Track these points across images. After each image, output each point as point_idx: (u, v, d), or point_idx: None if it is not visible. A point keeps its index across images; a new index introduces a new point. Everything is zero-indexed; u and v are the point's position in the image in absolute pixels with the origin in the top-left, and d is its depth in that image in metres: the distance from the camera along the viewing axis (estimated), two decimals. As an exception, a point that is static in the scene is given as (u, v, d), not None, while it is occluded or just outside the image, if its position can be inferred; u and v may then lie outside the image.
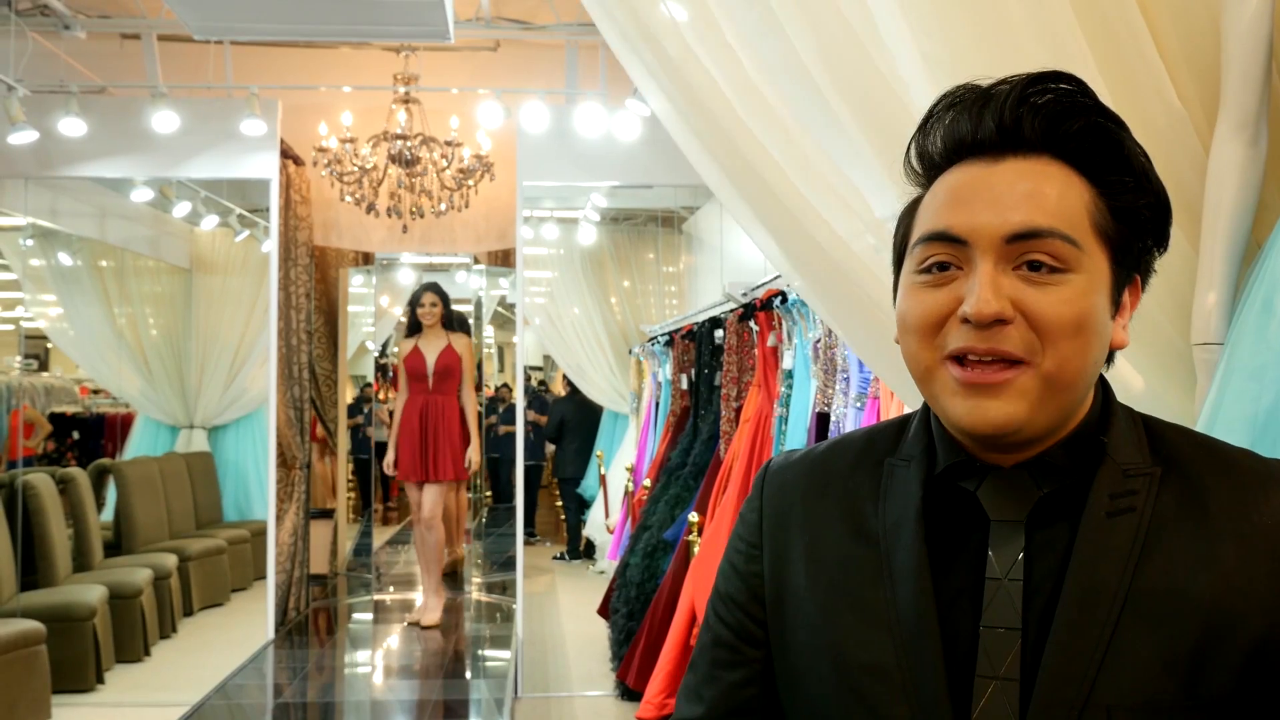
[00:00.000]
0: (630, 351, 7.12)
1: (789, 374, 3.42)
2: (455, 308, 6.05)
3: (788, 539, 0.91)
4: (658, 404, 6.13)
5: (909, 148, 0.86)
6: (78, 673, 4.57)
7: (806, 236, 1.73)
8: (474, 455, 5.80)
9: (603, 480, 6.84)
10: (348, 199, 5.61)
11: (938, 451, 0.86)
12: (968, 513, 0.83)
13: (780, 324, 3.54)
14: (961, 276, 0.80)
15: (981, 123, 0.80)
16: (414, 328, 5.83)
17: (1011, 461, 0.82)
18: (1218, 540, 0.78)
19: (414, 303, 5.85)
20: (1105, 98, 1.22)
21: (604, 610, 5.12)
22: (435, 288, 5.81)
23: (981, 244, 0.78)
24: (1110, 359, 0.86)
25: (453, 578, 7.35)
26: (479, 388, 7.95)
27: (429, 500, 5.68)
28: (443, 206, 5.65)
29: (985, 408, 0.78)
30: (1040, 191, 0.78)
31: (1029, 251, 0.78)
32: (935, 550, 0.83)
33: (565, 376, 7.66)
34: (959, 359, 0.79)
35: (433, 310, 5.75)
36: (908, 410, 1.10)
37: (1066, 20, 1.22)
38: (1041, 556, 0.80)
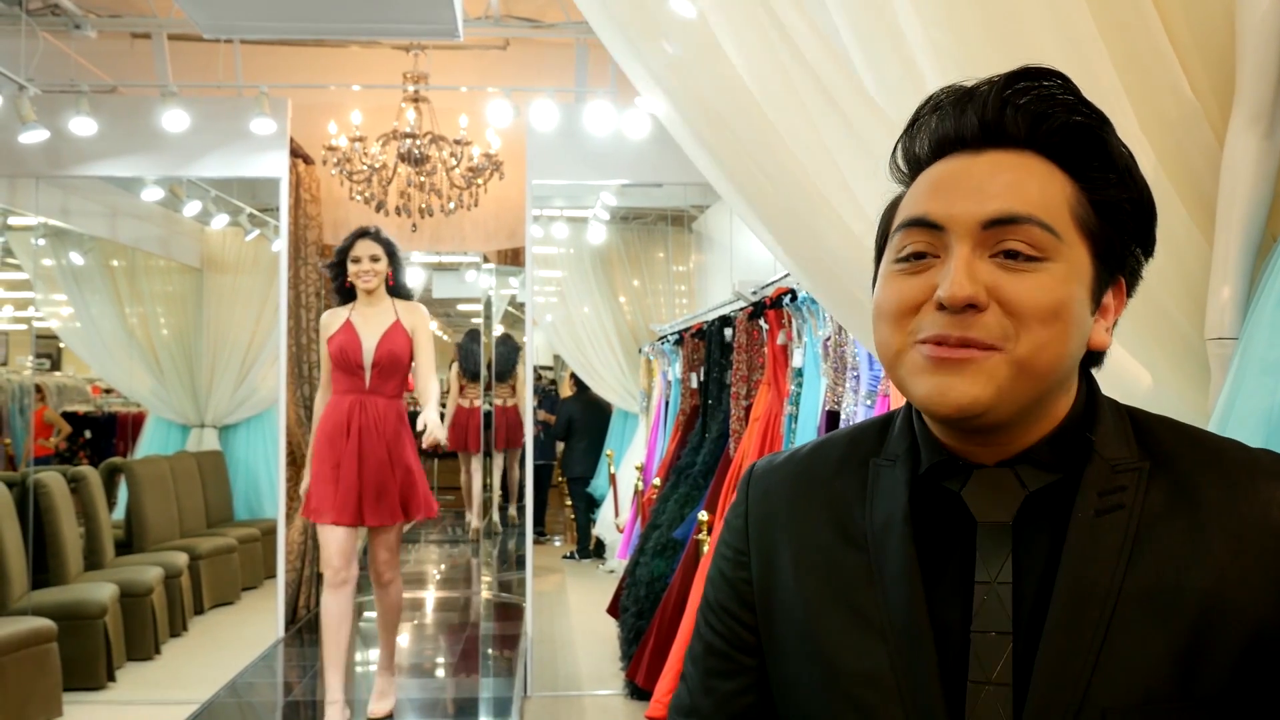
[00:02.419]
0: (640, 350, 7.11)
1: (799, 372, 3.41)
2: (465, 306, 5.72)
3: (775, 544, 0.89)
4: (667, 403, 6.12)
5: (895, 150, 0.86)
6: (89, 670, 4.58)
7: (814, 235, 1.70)
8: (438, 432, 3.76)
9: (612, 479, 6.84)
10: (357, 198, 5.61)
11: (921, 451, 0.84)
12: (955, 514, 0.82)
13: (790, 322, 3.52)
14: (938, 264, 0.79)
15: (964, 119, 0.80)
16: (346, 294, 3.97)
17: (995, 459, 0.81)
18: (1208, 534, 0.76)
19: (343, 255, 3.91)
20: (1118, 90, 1.22)
21: (613, 609, 5.12)
22: (375, 234, 3.89)
23: (958, 230, 0.78)
24: (1097, 361, 0.85)
25: (475, 543, 7.05)
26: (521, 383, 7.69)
27: (383, 550, 4.05)
28: (452, 205, 5.64)
29: (949, 385, 0.76)
30: (1020, 181, 0.78)
31: (1006, 238, 0.77)
32: (924, 553, 0.81)
33: (574, 375, 7.66)
34: (931, 343, 0.78)
35: (373, 267, 3.84)
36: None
37: (1079, 11, 1.21)
38: (1030, 558, 0.79)
